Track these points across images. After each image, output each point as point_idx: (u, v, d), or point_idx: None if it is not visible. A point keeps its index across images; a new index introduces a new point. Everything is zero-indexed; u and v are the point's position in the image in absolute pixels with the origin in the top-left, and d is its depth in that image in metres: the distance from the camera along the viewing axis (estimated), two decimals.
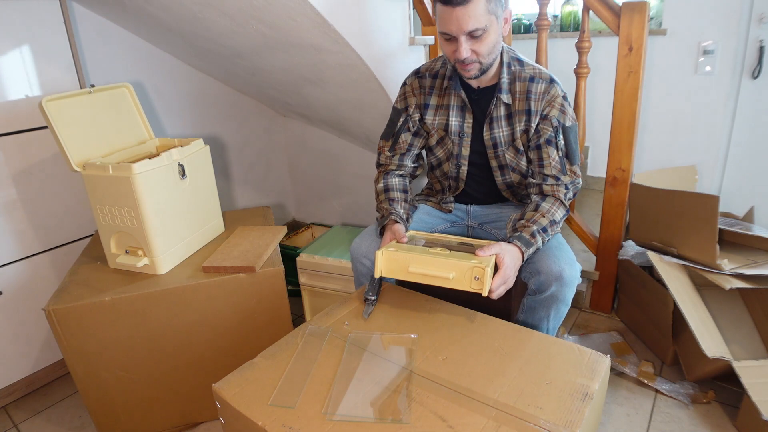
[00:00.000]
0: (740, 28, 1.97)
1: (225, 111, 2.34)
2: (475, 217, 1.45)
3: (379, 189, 1.38)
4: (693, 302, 1.43)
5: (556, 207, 1.23)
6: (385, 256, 1.08)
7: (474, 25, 1.08)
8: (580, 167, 1.28)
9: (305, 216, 2.83)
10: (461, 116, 1.32)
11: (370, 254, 1.32)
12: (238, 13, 1.42)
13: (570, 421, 0.79)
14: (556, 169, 1.25)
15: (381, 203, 1.36)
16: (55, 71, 1.58)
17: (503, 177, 1.37)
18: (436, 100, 1.34)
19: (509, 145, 1.30)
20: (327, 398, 0.87)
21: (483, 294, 1.00)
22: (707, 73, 2.08)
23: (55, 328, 1.23)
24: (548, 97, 1.23)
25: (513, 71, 1.25)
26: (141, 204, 1.27)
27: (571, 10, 2.44)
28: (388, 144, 1.41)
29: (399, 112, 1.38)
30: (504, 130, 1.29)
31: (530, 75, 1.24)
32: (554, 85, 1.23)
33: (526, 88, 1.24)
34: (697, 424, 1.33)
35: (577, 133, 1.26)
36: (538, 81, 1.24)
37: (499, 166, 1.34)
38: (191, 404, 1.42)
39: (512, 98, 1.26)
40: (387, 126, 1.42)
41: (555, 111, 1.23)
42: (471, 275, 1.00)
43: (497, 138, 1.30)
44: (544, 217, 1.20)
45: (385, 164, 1.41)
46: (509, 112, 1.27)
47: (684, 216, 1.49)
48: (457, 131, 1.33)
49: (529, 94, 1.24)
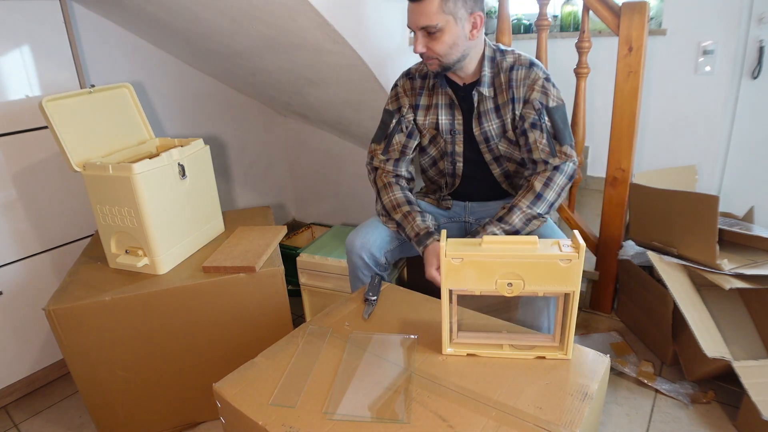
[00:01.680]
0: (740, 28, 1.96)
1: (225, 111, 2.34)
2: (472, 213, 1.46)
3: (400, 199, 1.34)
4: (693, 302, 1.43)
5: (539, 190, 1.24)
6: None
7: (425, 22, 1.13)
8: (573, 147, 1.27)
9: (305, 216, 2.83)
10: (450, 114, 1.32)
11: (366, 246, 1.33)
12: (238, 13, 1.42)
13: (570, 421, 0.79)
14: (544, 152, 1.25)
15: (408, 215, 1.31)
16: (55, 71, 1.58)
17: (500, 167, 1.37)
18: (426, 100, 1.34)
19: (501, 137, 1.31)
20: (327, 398, 0.87)
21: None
22: (707, 73, 2.08)
23: (55, 328, 1.23)
24: (528, 81, 1.24)
25: (497, 63, 1.26)
26: (141, 204, 1.27)
27: (571, 10, 2.43)
28: (380, 147, 1.39)
29: (391, 114, 1.37)
30: (494, 123, 1.29)
31: (510, 64, 1.26)
32: (534, 68, 1.24)
33: (508, 77, 1.25)
34: (697, 424, 1.33)
35: (565, 113, 1.26)
36: (518, 67, 1.25)
37: (494, 158, 1.35)
38: (191, 404, 1.42)
39: (497, 90, 1.26)
40: (378, 129, 1.40)
41: (536, 93, 1.24)
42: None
43: (488, 132, 1.31)
44: (522, 201, 1.24)
45: (382, 168, 1.39)
46: (496, 105, 1.28)
47: (684, 216, 1.49)
48: (448, 129, 1.34)
49: (510, 83, 1.25)
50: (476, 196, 1.45)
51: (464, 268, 0.89)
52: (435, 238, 1.26)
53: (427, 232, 1.27)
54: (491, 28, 2.69)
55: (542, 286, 0.89)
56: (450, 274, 0.90)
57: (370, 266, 1.34)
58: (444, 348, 0.96)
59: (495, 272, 0.89)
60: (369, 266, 1.34)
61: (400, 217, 1.32)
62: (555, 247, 0.89)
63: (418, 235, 1.28)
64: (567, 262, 0.87)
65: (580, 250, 0.87)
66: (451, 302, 0.94)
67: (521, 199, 1.26)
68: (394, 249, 1.39)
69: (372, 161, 1.41)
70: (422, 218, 1.30)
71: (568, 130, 1.26)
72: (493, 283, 0.89)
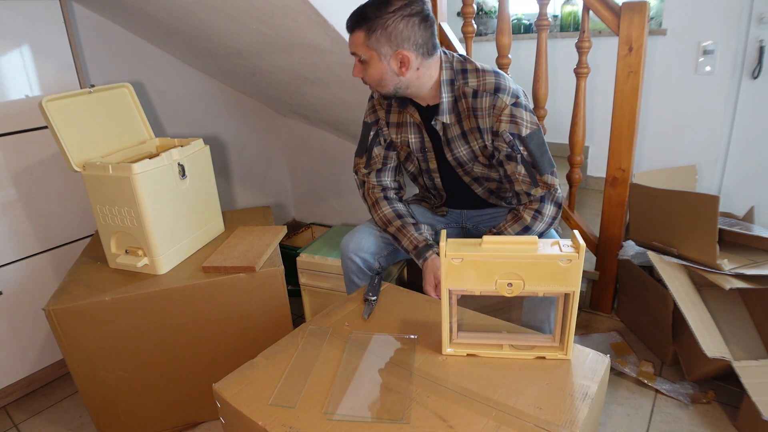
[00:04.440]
0: (740, 28, 1.97)
1: (225, 111, 2.35)
2: (469, 219, 1.45)
3: (389, 215, 1.31)
4: (693, 302, 1.43)
5: (528, 223, 1.19)
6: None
7: (353, 50, 1.14)
8: (554, 175, 1.18)
9: (305, 216, 2.83)
10: (419, 133, 1.28)
11: (359, 251, 1.32)
12: (238, 13, 1.42)
13: (570, 421, 0.79)
14: (525, 183, 1.18)
15: (401, 229, 1.29)
16: (55, 71, 1.58)
17: (481, 187, 1.34)
18: (396, 117, 1.30)
19: (474, 161, 1.25)
20: (327, 398, 0.87)
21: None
22: (707, 73, 2.08)
23: (55, 328, 1.23)
24: (495, 111, 1.15)
25: (457, 87, 1.18)
26: (141, 204, 1.27)
27: (571, 10, 2.44)
28: (362, 160, 1.36)
29: (369, 126, 1.34)
30: (463, 149, 1.23)
31: (473, 89, 1.16)
32: (498, 95, 1.14)
33: (471, 104, 1.17)
34: (697, 424, 1.33)
35: (541, 139, 1.17)
36: (482, 95, 1.15)
37: (474, 179, 1.32)
38: (191, 404, 1.42)
39: (461, 116, 1.19)
40: (359, 142, 1.37)
41: (505, 125, 1.15)
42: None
43: (459, 158, 1.25)
44: (509, 230, 1.20)
45: (368, 183, 1.36)
46: (463, 131, 1.21)
47: (684, 216, 1.49)
48: (418, 148, 1.30)
49: (475, 111, 1.17)
50: (469, 206, 1.43)
51: (464, 268, 0.89)
52: (434, 251, 1.24)
53: (426, 245, 1.25)
54: (491, 28, 2.70)
55: (542, 286, 0.89)
56: (450, 274, 0.90)
57: (364, 270, 1.34)
58: (444, 348, 0.96)
59: (495, 272, 0.89)
60: (363, 270, 1.34)
61: (394, 231, 1.30)
62: (555, 247, 0.89)
63: (416, 248, 1.26)
64: (567, 262, 0.87)
65: (580, 250, 0.86)
66: (451, 302, 0.94)
67: (508, 227, 1.21)
68: (388, 255, 1.38)
69: (357, 174, 1.39)
70: (417, 230, 1.27)
71: (547, 156, 1.18)
72: (493, 284, 0.89)
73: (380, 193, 1.35)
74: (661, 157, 2.28)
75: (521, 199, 1.21)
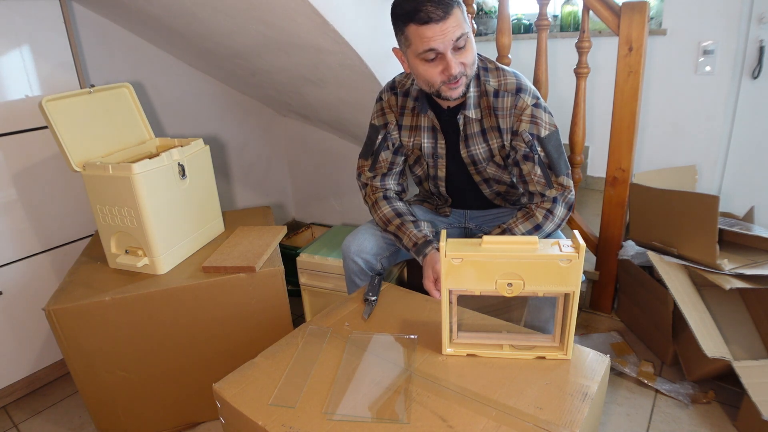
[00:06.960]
0: (740, 28, 1.96)
1: (225, 111, 2.35)
2: (472, 219, 1.45)
3: (389, 215, 1.30)
4: (693, 302, 1.43)
5: (540, 222, 1.19)
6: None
7: (459, 32, 1.03)
8: (570, 176, 1.19)
9: (305, 216, 2.83)
10: (433, 138, 1.27)
11: (361, 252, 1.31)
12: (238, 13, 1.42)
13: (570, 421, 0.79)
14: (540, 184, 1.18)
15: (401, 227, 1.28)
16: (55, 71, 1.58)
17: (490, 188, 1.34)
18: (409, 121, 1.28)
19: (489, 161, 1.25)
20: (327, 398, 0.87)
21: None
22: (707, 73, 2.08)
23: (55, 328, 1.23)
24: (516, 111, 1.15)
25: (482, 83, 1.18)
26: (141, 204, 1.27)
27: (571, 10, 2.43)
28: (367, 163, 1.34)
29: (377, 129, 1.31)
30: (481, 147, 1.23)
31: (494, 89, 1.16)
32: (520, 95, 1.14)
33: (492, 103, 1.17)
34: (697, 424, 1.33)
35: (558, 141, 1.17)
36: (503, 95, 1.15)
37: (484, 179, 1.31)
38: (191, 404, 1.42)
39: (483, 113, 1.19)
40: (365, 144, 1.35)
41: (525, 124, 1.15)
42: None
43: (475, 155, 1.25)
44: (519, 227, 1.20)
45: (370, 185, 1.35)
46: (483, 128, 1.21)
47: (684, 216, 1.49)
48: (430, 153, 1.29)
49: (496, 111, 1.17)
50: (473, 206, 1.42)
51: (464, 268, 0.89)
52: (434, 246, 1.23)
53: (425, 241, 1.24)
54: (491, 28, 2.70)
55: (542, 286, 0.89)
56: (450, 274, 0.90)
57: (366, 271, 1.34)
58: (444, 348, 0.96)
59: (495, 272, 0.89)
60: (365, 271, 1.33)
61: (394, 229, 1.29)
62: (555, 247, 0.89)
63: (416, 245, 1.25)
64: (567, 262, 0.87)
65: (580, 250, 0.86)
66: (450, 302, 0.94)
67: (518, 224, 1.21)
68: (390, 255, 1.38)
69: (360, 177, 1.38)
70: (416, 227, 1.27)
71: (564, 158, 1.18)
72: (493, 283, 0.89)
73: (381, 194, 1.35)
74: (661, 157, 2.28)
75: (533, 199, 1.21)
